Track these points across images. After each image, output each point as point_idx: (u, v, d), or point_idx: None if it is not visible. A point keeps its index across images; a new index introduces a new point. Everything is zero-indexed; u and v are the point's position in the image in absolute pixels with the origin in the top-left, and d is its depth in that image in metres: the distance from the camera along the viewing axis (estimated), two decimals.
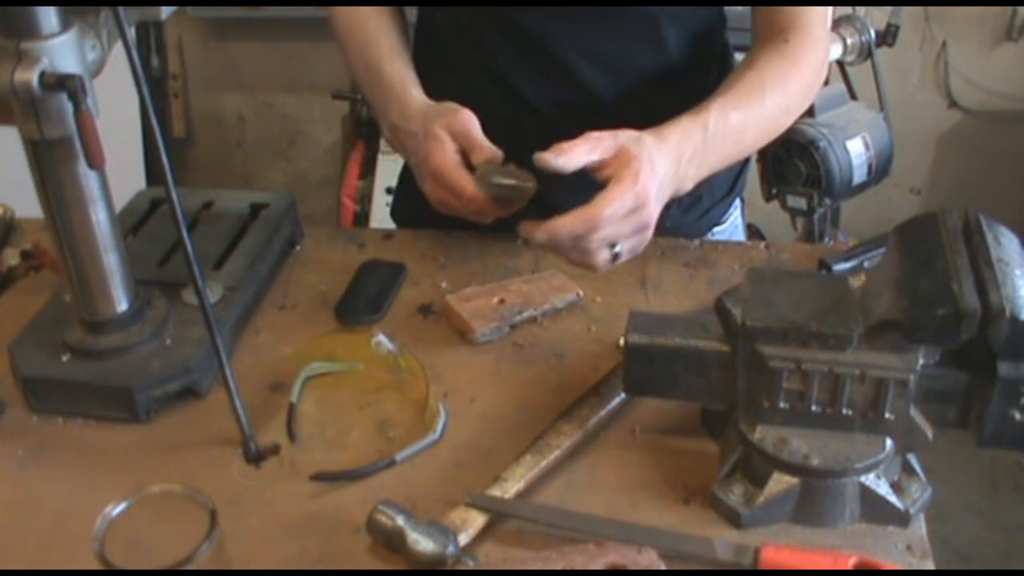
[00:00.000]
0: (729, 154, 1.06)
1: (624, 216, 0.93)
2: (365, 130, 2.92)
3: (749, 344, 0.81)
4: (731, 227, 1.34)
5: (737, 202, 1.35)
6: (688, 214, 1.26)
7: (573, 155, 0.94)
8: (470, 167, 1.02)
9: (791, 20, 1.12)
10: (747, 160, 1.34)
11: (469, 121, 1.03)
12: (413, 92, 1.12)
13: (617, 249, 0.96)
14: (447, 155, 1.02)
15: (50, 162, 0.87)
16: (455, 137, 1.03)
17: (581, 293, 1.10)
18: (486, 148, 1.02)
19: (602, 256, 0.96)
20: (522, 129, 1.18)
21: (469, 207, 1.01)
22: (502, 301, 1.08)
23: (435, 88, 1.17)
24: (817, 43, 1.13)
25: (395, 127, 1.11)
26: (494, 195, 1.00)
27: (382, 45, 1.18)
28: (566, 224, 0.92)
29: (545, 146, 1.15)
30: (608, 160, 0.95)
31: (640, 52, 1.15)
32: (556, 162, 0.94)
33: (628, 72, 1.15)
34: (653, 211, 0.95)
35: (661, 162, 0.96)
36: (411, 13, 1.29)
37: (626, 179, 0.92)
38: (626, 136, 0.96)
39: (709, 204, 1.28)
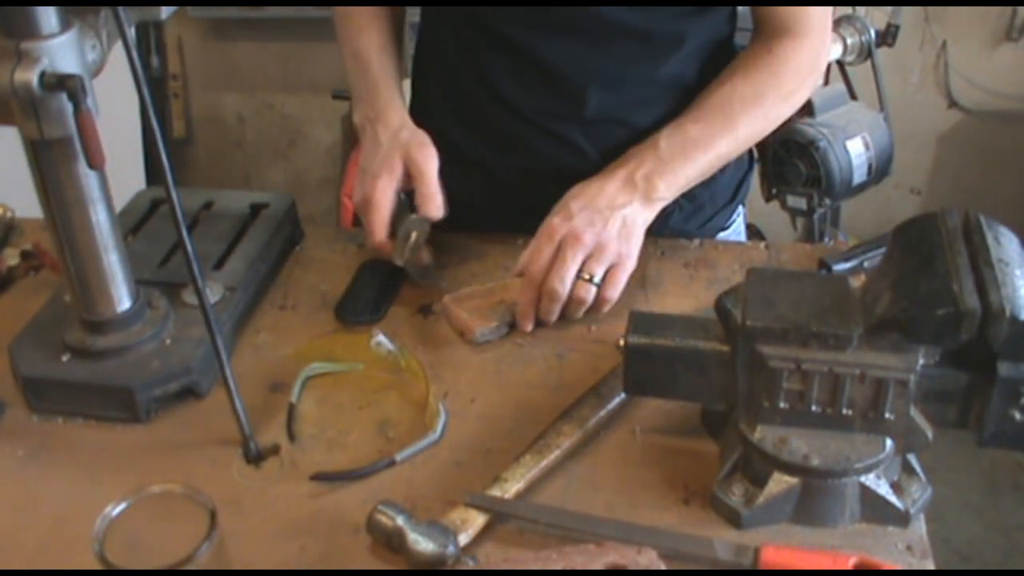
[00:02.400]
0: (706, 159, 1.09)
1: (549, 256, 1.02)
2: None
3: (749, 344, 0.81)
4: (733, 234, 1.34)
5: (740, 209, 1.35)
6: (690, 221, 1.26)
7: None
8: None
9: (783, 22, 1.11)
10: (750, 168, 1.34)
11: (429, 159, 1.09)
12: (396, 99, 1.16)
13: (595, 279, 1.03)
14: (387, 198, 1.08)
15: (50, 162, 0.87)
16: (410, 165, 1.08)
17: None
18: (431, 194, 1.08)
19: (583, 291, 1.03)
20: (519, 141, 1.19)
21: (369, 242, 1.10)
22: (501, 301, 1.08)
23: (434, 99, 1.18)
24: (803, 53, 1.12)
25: (368, 120, 1.15)
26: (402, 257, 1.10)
27: (373, 38, 1.20)
28: (523, 300, 1.04)
29: (540, 158, 1.17)
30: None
31: (641, 69, 1.14)
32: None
33: (628, 88, 1.15)
34: (580, 229, 1.02)
35: (581, 194, 1.05)
36: (413, 13, 1.30)
37: (536, 236, 1.04)
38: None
39: (711, 212, 1.28)
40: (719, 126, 1.09)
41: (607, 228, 1.03)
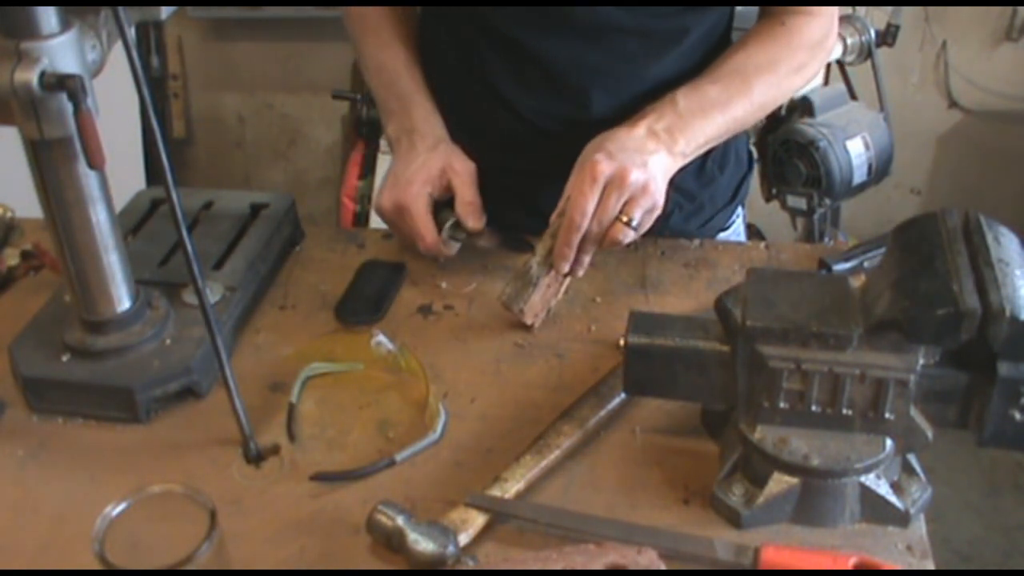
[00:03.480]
0: (724, 119, 1.09)
1: (595, 200, 1.00)
2: (365, 130, 2.91)
3: (749, 344, 0.81)
4: (733, 234, 1.34)
5: (740, 209, 1.35)
6: (690, 222, 1.26)
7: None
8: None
9: (795, 8, 1.12)
10: (749, 168, 1.34)
11: (470, 171, 1.10)
12: (432, 111, 1.16)
13: (634, 223, 1.01)
14: (423, 200, 1.09)
15: (50, 162, 0.87)
16: (451, 175, 1.09)
17: None
18: (473, 205, 1.09)
19: (621, 233, 1.01)
20: (519, 142, 1.19)
21: (422, 248, 1.11)
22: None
23: (435, 99, 1.18)
24: (816, 28, 1.13)
25: (404, 131, 1.15)
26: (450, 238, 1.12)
27: (399, 52, 1.20)
28: (564, 242, 1.01)
29: (540, 158, 1.17)
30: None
31: (642, 66, 1.14)
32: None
33: (629, 86, 1.15)
34: (626, 166, 1.00)
35: (617, 131, 1.04)
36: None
37: (580, 172, 1.02)
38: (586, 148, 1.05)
39: (711, 212, 1.28)
40: (735, 88, 1.09)
41: (647, 170, 1.01)
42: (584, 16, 1.09)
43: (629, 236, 1.01)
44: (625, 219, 1.00)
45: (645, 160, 1.01)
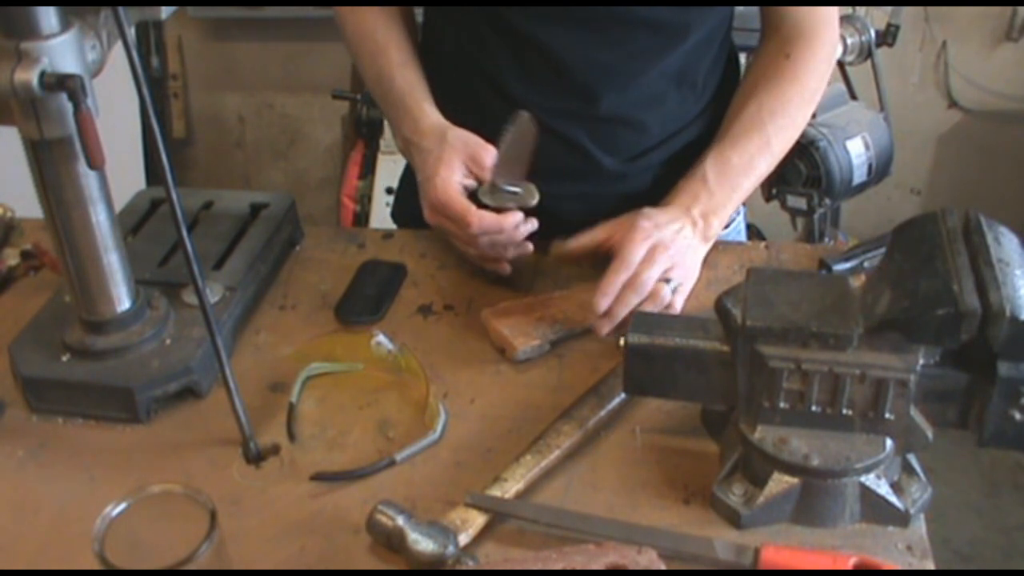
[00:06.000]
0: (749, 183, 1.12)
1: (646, 254, 1.02)
2: (365, 130, 2.91)
3: (749, 344, 0.81)
4: (734, 231, 1.34)
5: (740, 209, 1.35)
6: None
7: (584, 238, 1.08)
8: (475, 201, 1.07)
9: (797, 28, 1.13)
10: None
11: (491, 156, 1.07)
12: (426, 107, 1.14)
13: (673, 283, 1.04)
14: (452, 186, 1.05)
15: (50, 162, 0.87)
16: (479, 172, 1.06)
17: None
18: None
19: (663, 294, 1.02)
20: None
21: (470, 232, 1.04)
22: (542, 317, 1.06)
23: (438, 98, 1.17)
24: (819, 50, 1.14)
25: (407, 140, 1.14)
26: (499, 205, 1.05)
27: (392, 56, 1.18)
28: (610, 281, 1.00)
29: (546, 157, 1.16)
30: (614, 231, 1.06)
31: (650, 62, 1.14)
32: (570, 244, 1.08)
33: (637, 83, 1.15)
34: (668, 240, 1.04)
35: (661, 214, 1.07)
36: (418, 13, 1.29)
37: (630, 229, 1.04)
38: (628, 214, 1.07)
39: None
40: (755, 147, 1.12)
41: (682, 250, 1.05)
42: (596, 8, 1.09)
43: (667, 296, 1.03)
44: (666, 278, 1.03)
45: (684, 246, 1.06)
